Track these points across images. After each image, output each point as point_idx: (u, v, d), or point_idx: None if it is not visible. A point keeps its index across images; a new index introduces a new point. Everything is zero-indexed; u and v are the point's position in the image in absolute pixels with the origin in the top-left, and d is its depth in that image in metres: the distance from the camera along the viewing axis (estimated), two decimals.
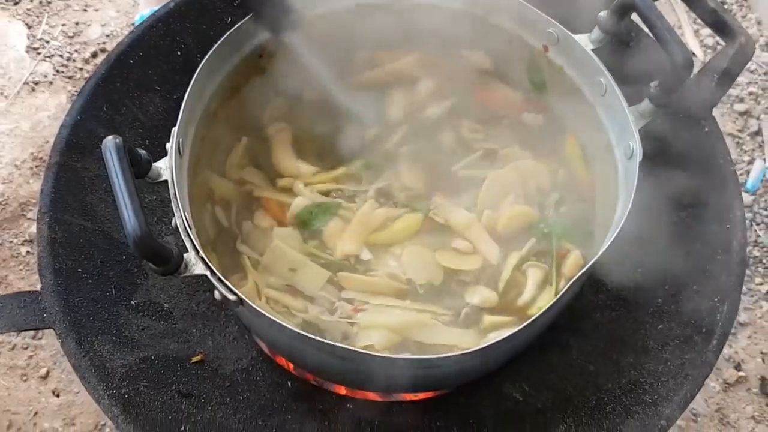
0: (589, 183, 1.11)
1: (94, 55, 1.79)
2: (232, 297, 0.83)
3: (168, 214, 1.15)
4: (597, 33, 1.02)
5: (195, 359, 1.07)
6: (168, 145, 0.90)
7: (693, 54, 1.77)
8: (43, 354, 1.45)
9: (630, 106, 0.97)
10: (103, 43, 1.81)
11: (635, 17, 1.03)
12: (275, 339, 0.95)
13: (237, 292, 0.83)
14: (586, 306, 1.09)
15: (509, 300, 1.03)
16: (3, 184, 1.60)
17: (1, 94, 1.72)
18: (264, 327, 0.89)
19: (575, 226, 1.08)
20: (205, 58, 0.97)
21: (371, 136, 1.15)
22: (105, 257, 1.09)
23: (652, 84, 0.96)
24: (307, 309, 1.01)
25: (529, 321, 0.83)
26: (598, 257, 0.86)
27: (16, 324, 0.95)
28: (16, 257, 1.55)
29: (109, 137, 0.79)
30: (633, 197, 0.89)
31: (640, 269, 1.09)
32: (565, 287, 0.85)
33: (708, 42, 1.87)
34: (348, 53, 1.17)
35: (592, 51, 1.01)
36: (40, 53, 1.79)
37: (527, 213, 1.09)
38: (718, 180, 1.10)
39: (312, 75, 1.09)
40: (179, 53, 1.23)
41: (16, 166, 1.63)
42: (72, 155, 1.11)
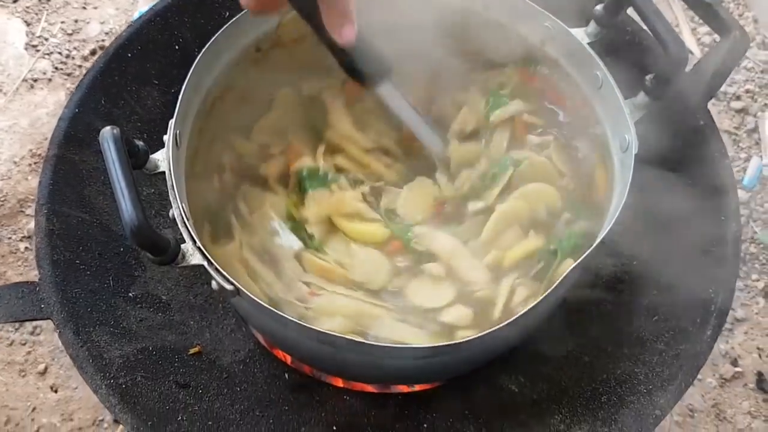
0: (604, 188, 1.04)
1: (92, 53, 1.79)
2: (228, 287, 0.83)
3: (166, 207, 1.15)
4: (593, 27, 1.02)
5: (192, 351, 1.07)
6: (165, 137, 0.90)
7: (690, 52, 1.78)
8: (42, 350, 1.45)
9: (626, 99, 0.97)
10: (102, 41, 1.81)
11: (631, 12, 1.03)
12: (270, 329, 0.96)
13: (234, 282, 0.83)
14: (581, 298, 1.09)
15: (485, 314, 0.99)
16: (2, 180, 1.60)
17: (0, 91, 1.72)
18: (260, 317, 0.90)
19: (585, 241, 1.01)
20: (203, 51, 0.98)
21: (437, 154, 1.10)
22: (103, 249, 1.10)
23: (647, 77, 0.96)
24: (273, 284, 0.99)
25: (525, 311, 0.83)
26: (593, 248, 0.86)
27: (14, 314, 0.95)
28: (14, 253, 1.55)
29: (107, 128, 0.79)
30: (628, 189, 0.90)
31: (635, 262, 1.09)
32: (562, 276, 0.85)
33: (705, 40, 1.87)
34: None
35: (588, 45, 1.01)
36: (39, 50, 1.79)
37: (534, 246, 1.03)
38: (712, 173, 1.10)
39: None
40: (177, 47, 1.23)
41: (14, 162, 1.63)
42: (70, 148, 1.12)
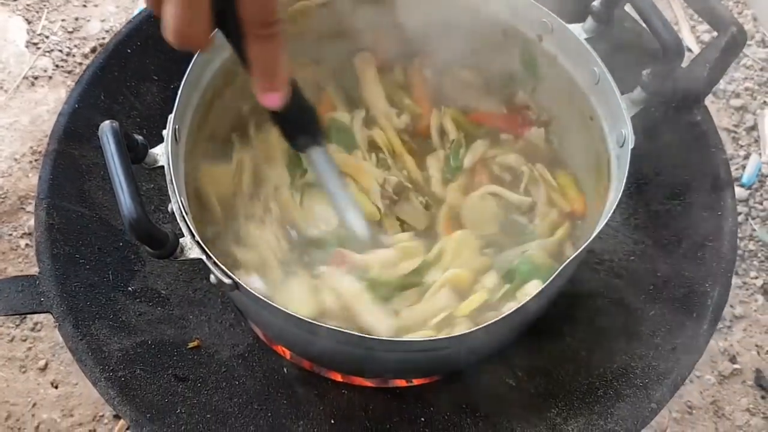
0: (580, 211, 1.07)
1: (93, 51, 1.79)
2: (227, 281, 0.84)
3: (165, 202, 1.15)
4: (590, 22, 1.02)
5: (191, 345, 1.07)
6: (165, 132, 0.91)
7: (689, 49, 1.78)
8: (42, 346, 1.45)
9: (623, 94, 0.97)
10: (103, 39, 1.81)
11: (629, 8, 1.04)
12: (269, 322, 0.96)
13: (232, 275, 0.83)
14: (579, 293, 1.09)
15: None
16: (2, 177, 1.60)
17: (1, 88, 1.72)
18: (258, 310, 0.90)
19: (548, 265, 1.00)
20: None
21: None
22: (102, 244, 1.10)
23: (644, 72, 0.96)
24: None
25: (523, 303, 0.83)
26: (589, 241, 0.87)
27: (13, 307, 0.95)
28: (15, 250, 1.55)
29: (106, 122, 0.80)
30: (624, 184, 0.90)
31: (632, 257, 1.10)
32: (561, 267, 0.84)
33: (705, 38, 1.87)
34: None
35: (585, 40, 1.02)
36: (39, 48, 1.79)
37: (486, 264, 1.03)
38: (709, 167, 1.10)
39: None
40: None
41: (15, 159, 1.63)
42: (70, 143, 1.12)
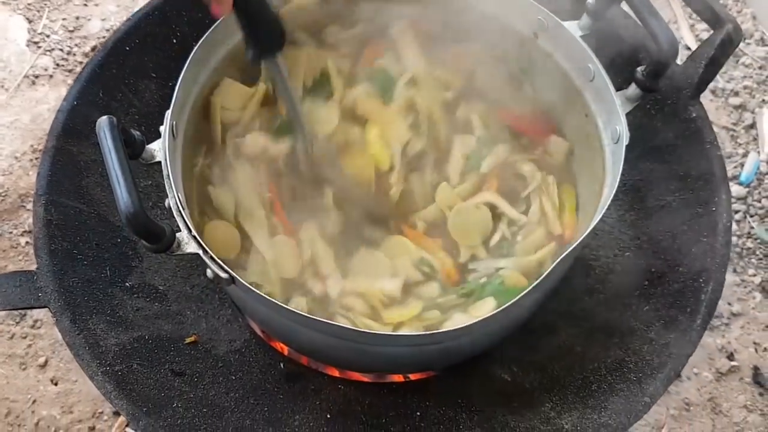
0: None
1: (93, 49, 1.79)
2: (223, 275, 0.84)
3: (163, 198, 1.15)
4: (586, 20, 1.03)
5: (189, 340, 1.08)
6: (162, 128, 0.91)
7: (687, 47, 1.78)
8: (42, 343, 1.46)
9: (617, 91, 0.97)
10: (103, 38, 1.82)
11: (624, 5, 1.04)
12: (265, 316, 0.96)
13: (229, 270, 0.84)
14: (573, 289, 1.10)
15: None
16: (3, 175, 1.61)
17: (2, 87, 1.73)
18: (254, 304, 0.91)
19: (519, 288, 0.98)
20: (199, 43, 0.99)
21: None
22: (100, 240, 1.10)
23: (639, 69, 0.97)
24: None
25: (521, 295, 0.84)
26: (584, 236, 0.87)
27: (11, 302, 0.96)
28: (15, 247, 1.56)
29: (104, 117, 0.81)
30: (618, 180, 0.91)
31: (627, 253, 1.10)
32: (554, 263, 0.85)
33: (703, 37, 1.87)
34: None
35: (580, 37, 1.02)
36: (40, 47, 1.80)
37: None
38: (704, 164, 1.10)
39: None
40: (175, 41, 1.24)
41: (16, 158, 1.64)
42: (68, 140, 1.12)
